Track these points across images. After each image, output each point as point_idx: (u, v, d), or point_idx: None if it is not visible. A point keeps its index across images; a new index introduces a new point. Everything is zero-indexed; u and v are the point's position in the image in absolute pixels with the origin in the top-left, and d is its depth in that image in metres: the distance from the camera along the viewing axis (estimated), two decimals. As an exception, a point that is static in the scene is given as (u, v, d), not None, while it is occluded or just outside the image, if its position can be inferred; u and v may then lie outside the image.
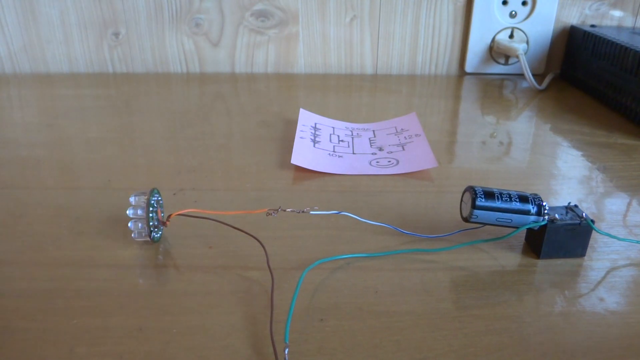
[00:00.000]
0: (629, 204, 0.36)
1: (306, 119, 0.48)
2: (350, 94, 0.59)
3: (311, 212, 0.31)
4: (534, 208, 0.29)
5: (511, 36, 0.64)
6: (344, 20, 0.64)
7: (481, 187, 0.29)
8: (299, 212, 0.31)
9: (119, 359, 0.23)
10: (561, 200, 0.36)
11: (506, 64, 0.66)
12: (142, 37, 0.64)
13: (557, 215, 0.29)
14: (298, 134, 0.44)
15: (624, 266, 0.29)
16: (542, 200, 0.29)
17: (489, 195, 0.29)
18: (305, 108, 0.51)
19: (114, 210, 0.34)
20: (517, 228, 0.29)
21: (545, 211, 0.29)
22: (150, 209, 0.29)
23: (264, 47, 0.65)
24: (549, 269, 0.29)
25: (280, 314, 0.25)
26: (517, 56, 0.62)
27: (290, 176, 0.39)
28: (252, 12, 0.63)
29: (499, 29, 0.64)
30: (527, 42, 0.65)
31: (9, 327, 0.24)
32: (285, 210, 0.30)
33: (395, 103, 0.56)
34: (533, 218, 0.29)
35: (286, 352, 0.22)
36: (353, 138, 0.46)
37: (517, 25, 0.64)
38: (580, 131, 0.49)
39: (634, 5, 0.64)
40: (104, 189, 0.37)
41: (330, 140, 0.45)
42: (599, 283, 0.28)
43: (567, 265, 0.29)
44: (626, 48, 0.51)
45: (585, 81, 0.60)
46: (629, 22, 0.65)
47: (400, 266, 0.29)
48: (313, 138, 0.44)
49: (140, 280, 0.28)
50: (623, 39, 0.54)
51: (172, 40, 0.64)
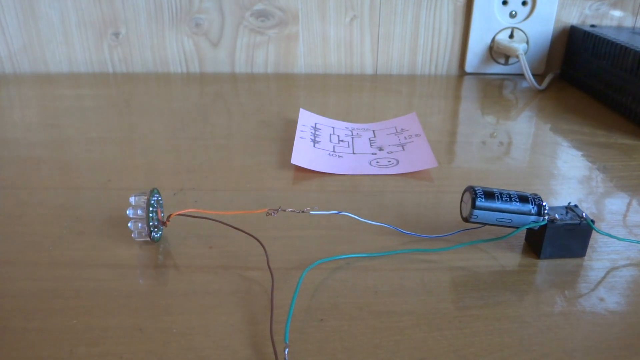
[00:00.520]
0: (629, 204, 0.36)
1: (306, 119, 0.48)
2: (350, 94, 0.59)
3: (311, 212, 0.31)
4: (534, 208, 0.29)
5: (511, 36, 0.64)
6: (344, 20, 0.64)
7: (481, 187, 0.29)
8: (299, 212, 0.31)
9: (119, 359, 0.23)
10: (561, 200, 0.36)
11: (506, 64, 0.66)
12: (142, 37, 0.64)
13: (557, 215, 0.29)
14: (298, 134, 0.44)
15: (624, 266, 0.29)
16: (542, 200, 0.29)
17: (489, 195, 0.29)
18: (305, 108, 0.51)
19: (114, 210, 0.34)
20: (517, 228, 0.29)
21: (545, 211, 0.29)
22: (150, 209, 0.29)
23: (264, 47, 0.65)
24: (549, 269, 0.29)
25: (280, 314, 0.25)
26: (517, 56, 0.62)
27: (290, 176, 0.39)
28: (252, 12, 0.63)
29: (499, 29, 0.64)
30: (527, 42, 0.65)
31: (9, 327, 0.24)
32: (285, 210, 0.30)
33: (395, 103, 0.56)
34: (533, 218, 0.29)
35: (286, 352, 0.22)
36: (353, 138, 0.46)
37: (517, 25, 0.64)
38: (580, 131, 0.49)
39: (634, 5, 0.64)
40: (104, 189, 0.37)
41: (330, 140, 0.45)
42: (599, 283, 0.28)
43: (567, 265, 0.29)
44: (626, 48, 0.51)
45: (585, 81, 0.60)
46: (629, 22, 0.65)
47: (400, 266, 0.29)
48: (313, 138, 0.44)
49: (140, 280, 0.28)
50: (623, 39, 0.54)
51: (172, 40, 0.64)
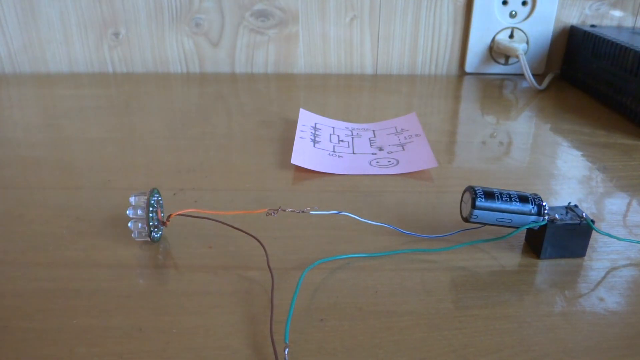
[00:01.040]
0: (629, 204, 0.36)
1: (306, 119, 0.48)
2: (350, 94, 0.59)
3: (311, 212, 0.31)
4: (534, 208, 0.29)
5: (511, 36, 0.64)
6: (344, 20, 0.64)
7: (481, 187, 0.29)
8: (299, 212, 0.31)
9: (119, 359, 0.23)
10: (561, 200, 0.36)
11: (506, 64, 0.66)
12: (142, 37, 0.64)
13: (557, 215, 0.29)
14: (298, 134, 0.44)
15: (624, 266, 0.29)
16: (542, 200, 0.29)
17: (489, 195, 0.29)
18: (305, 108, 0.51)
19: (114, 210, 0.34)
20: (517, 228, 0.29)
21: (545, 211, 0.29)
22: (150, 209, 0.29)
23: (264, 47, 0.65)
24: (549, 269, 0.29)
25: (280, 314, 0.25)
26: (517, 56, 0.62)
27: (290, 176, 0.39)
28: (252, 12, 0.63)
29: (499, 29, 0.64)
30: (527, 42, 0.65)
31: (9, 327, 0.24)
32: (285, 210, 0.30)
33: (395, 103, 0.56)
34: (533, 218, 0.29)
35: (286, 352, 0.22)
36: (353, 138, 0.46)
37: (517, 25, 0.64)
38: (580, 131, 0.49)
39: (634, 5, 0.64)
40: (104, 189, 0.37)
41: (330, 140, 0.45)
42: (599, 283, 0.28)
43: (567, 265, 0.29)
44: (626, 48, 0.51)
45: (585, 81, 0.60)
46: (629, 22, 0.65)
47: (400, 266, 0.29)
48: (313, 138, 0.44)
49: (140, 280, 0.28)
50: (623, 39, 0.54)
51: (172, 40, 0.64)
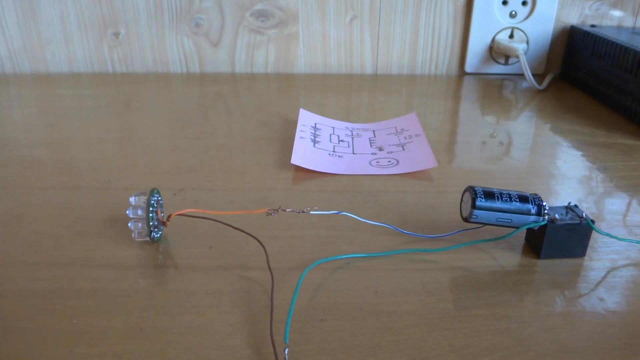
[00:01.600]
0: (629, 204, 0.36)
1: (306, 119, 0.48)
2: (350, 94, 0.59)
3: (311, 212, 0.31)
4: (534, 208, 0.29)
5: (511, 36, 0.64)
6: (344, 20, 0.64)
7: (481, 187, 0.29)
8: (299, 212, 0.31)
9: (119, 359, 0.23)
10: (561, 200, 0.36)
11: (506, 64, 0.66)
12: (142, 37, 0.64)
13: (557, 215, 0.29)
14: (298, 134, 0.44)
15: (624, 266, 0.29)
16: (542, 200, 0.29)
17: (489, 195, 0.29)
18: (305, 108, 0.51)
19: (114, 210, 0.34)
20: (517, 228, 0.29)
21: (545, 211, 0.29)
22: (150, 209, 0.29)
23: (264, 47, 0.65)
24: (549, 269, 0.29)
25: (280, 314, 0.25)
26: (517, 56, 0.62)
27: (290, 176, 0.39)
28: (252, 12, 0.63)
29: (499, 29, 0.64)
30: (527, 42, 0.65)
31: (9, 327, 0.24)
32: (285, 210, 0.30)
33: (395, 103, 0.56)
34: (533, 218, 0.29)
35: (286, 352, 0.22)
36: (353, 138, 0.46)
37: (517, 25, 0.64)
38: (580, 131, 0.49)
39: (634, 5, 0.64)
40: (104, 189, 0.37)
41: (330, 140, 0.45)
42: (599, 283, 0.28)
43: (567, 265, 0.29)
44: (626, 48, 0.51)
45: (585, 81, 0.60)
46: (629, 22, 0.65)
47: (400, 266, 0.29)
48: (313, 138, 0.44)
49: (140, 280, 0.28)
50: (623, 39, 0.54)
51: (172, 40, 0.64)
